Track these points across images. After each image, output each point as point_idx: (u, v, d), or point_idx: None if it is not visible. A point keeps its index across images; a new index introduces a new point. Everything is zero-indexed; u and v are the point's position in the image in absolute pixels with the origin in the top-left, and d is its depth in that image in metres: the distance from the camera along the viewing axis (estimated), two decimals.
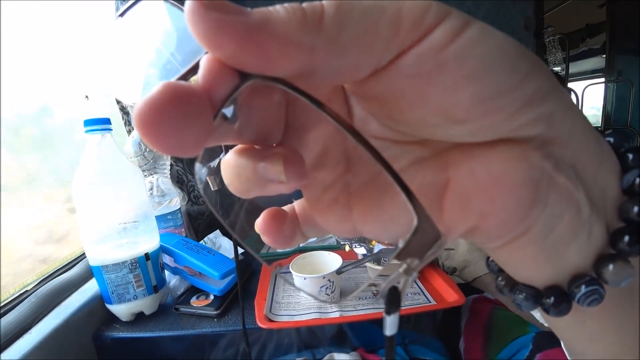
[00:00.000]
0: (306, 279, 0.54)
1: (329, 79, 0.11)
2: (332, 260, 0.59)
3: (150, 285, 0.59)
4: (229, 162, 0.13)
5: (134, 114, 0.09)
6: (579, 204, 0.13)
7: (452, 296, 0.58)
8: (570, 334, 0.17)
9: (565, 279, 0.14)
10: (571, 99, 0.13)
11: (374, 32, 0.10)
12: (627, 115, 2.16)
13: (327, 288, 0.55)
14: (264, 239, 0.15)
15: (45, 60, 0.72)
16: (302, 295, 0.61)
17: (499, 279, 0.16)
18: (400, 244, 0.10)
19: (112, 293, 0.56)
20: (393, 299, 0.10)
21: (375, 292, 0.62)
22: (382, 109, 0.12)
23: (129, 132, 0.80)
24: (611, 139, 0.14)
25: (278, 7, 0.10)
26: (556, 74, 2.17)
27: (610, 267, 0.13)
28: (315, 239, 0.87)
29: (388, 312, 0.10)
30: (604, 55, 2.24)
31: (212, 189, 0.15)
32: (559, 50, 2.23)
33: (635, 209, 0.13)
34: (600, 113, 2.31)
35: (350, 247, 0.68)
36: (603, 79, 2.27)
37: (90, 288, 0.63)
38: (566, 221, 0.13)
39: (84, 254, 0.70)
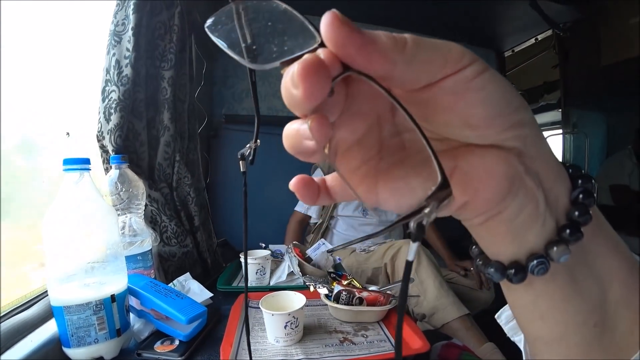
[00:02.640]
0: (273, 315, 0.60)
1: (398, 83, 0.16)
2: (297, 300, 0.65)
3: (113, 329, 0.57)
4: (287, 127, 0.18)
5: (295, 69, 0.14)
6: (538, 200, 0.18)
7: (417, 343, 0.60)
8: (525, 314, 0.22)
9: (524, 256, 0.20)
10: (541, 132, 0.19)
11: (433, 61, 0.15)
12: (584, 164, 2.34)
13: (291, 324, 0.60)
14: (298, 192, 0.20)
15: (28, 97, 0.73)
16: (268, 342, 0.62)
17: (478, 259, 0.22)
18: (430, 192, 0.14)
19: (72, 336, 0.54)
20: (419, 230, 0.14)
21: (341, 339, 0.63)
22: (422, 111, 0.18)
23: (107, 170, 0.81)
24: (570, 170, 0.20)
25: (380, 32, 0.15)
26: None
27: (555, 248, 0.19)
28: (284, 278, 0.89)
29: (414, 240, 0.14)
30: (560, 110, 2.46)
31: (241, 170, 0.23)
32: None
33: (576, 213, 0.19)
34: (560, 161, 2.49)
35: (315, 287, 0.76)
36: (561, 131, 2.48)
37: (49, 329, 0.60)
38: (528, 211, 0.18)
39: (45, 292, 0.67)
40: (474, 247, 0.23)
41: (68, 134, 0.82)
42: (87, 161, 0.58)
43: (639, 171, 2.13)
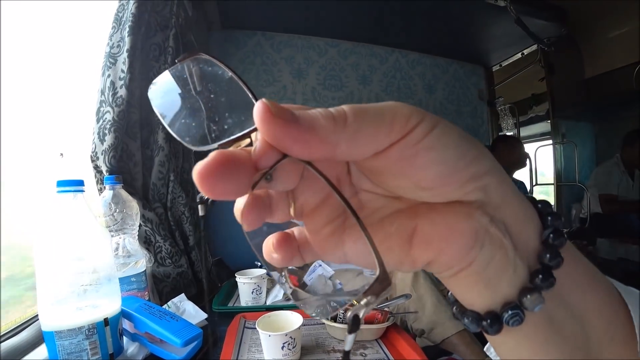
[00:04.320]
0: (270, 336, 0.59)
1: (342, 159, 0.16)
2: (294, 319, 0.65)
3: (106, 353, 0.56)
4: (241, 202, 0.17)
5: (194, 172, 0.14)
6: (506, 248, 0.18)
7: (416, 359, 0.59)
8: (509, 357, 0.21)
9: (499, 305, 0.19)
10: (506, 176, 0.18)
11: (377, 132, 0.15)
12: (575, 173, 2.38)
13: (289, 344, 0.60)
14: (274, 255, 0.19)
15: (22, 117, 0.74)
16: None
17: (455, 307, 0.21)
18: (366, 286, 0.14)
19: None
20: (354, 323, 0.14)
21: (340, 358, 0.62)
22: (374, 176, 0.18)
23: (100, 190, 0.80)
24: (539, 205, 0.20)
25: (317, 113, 0.15)
26: (513, 137, 2.40)
27: (528, 296, 0.18)
28: (281, 297, 0.87)
29: (349, 332, 0.14)
30: (549, 121, 2.52)
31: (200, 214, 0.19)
32: (510, 117, 2.50)
33: (547, 256, 0.18)
34: (552, 171, 2.54)
35: None
36: (551, 141, 2.52)
37: (39, 355, 0.59)
38: (497, 259, 0.18)
39: (35, 316, 0.66)
40: (449, 293, 0.22)
41: (62, 154, 0.82)
42: (81, 182, 0.57)
43: (627, 179, 2.17)
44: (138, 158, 0.87)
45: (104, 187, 0.74)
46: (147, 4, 0.87)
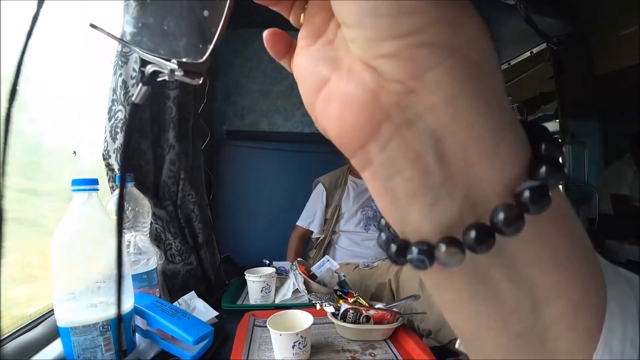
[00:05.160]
0: (281, 335, 0.60)
1: None
2: (305, 319, 0.65)
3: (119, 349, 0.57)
4: None
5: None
6: (426, 168, 0.13)
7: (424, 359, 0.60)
8: (443, 307, 0.18)
9: (411, 235, 0.15)
10: (485, 73, 0.13)
11: None
12: (584, 173, 2.36)
13: (299, 343, 0.60)
14: (269, 44, 0.19)
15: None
16: None
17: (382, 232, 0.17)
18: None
19: (78, 357, 0.54)
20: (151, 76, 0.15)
21: (349, 358, 0.63)
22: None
23: (112, 188, 0.81)
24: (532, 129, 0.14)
25: None
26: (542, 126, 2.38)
27: (443, 247, 0.13)
28: (290, 296, 0.88)
29: (143, 84, 0.16)
30: (558, 120, 2.49)
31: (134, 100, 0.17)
32: (518, 116, 2.47)
33: (503, 216, 0.13)
34: None
35: (321, 305, 0.75)
36: (560, 141, 2.50)
37: (54, 350, 0.59)
38: (406, 177, 0.14)
39: (50, 311, 0.67)
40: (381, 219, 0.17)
41: (75, 152, 0.83)
42: (95, 181, 0.58)
43: (639, 179, 2.15)
44: (149, 156, 0.88)
45: (116, 185, 0.75)
46: None
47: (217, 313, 0.77)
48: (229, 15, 0.15)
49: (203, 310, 0.76)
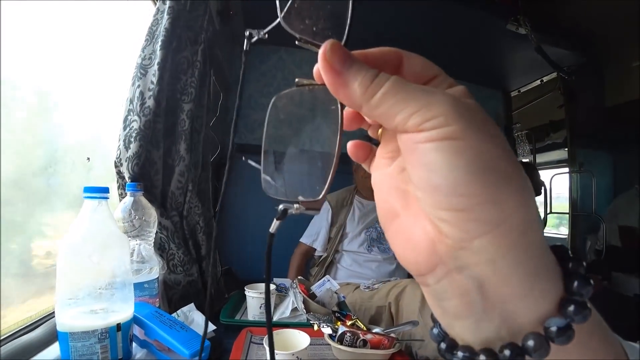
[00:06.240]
0: (277, 355, 0.59)
1: (366, 116, 0.20)
2: (302, 339, 0.66)
3: (115, 358, 0.57)
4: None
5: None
6: (470, 300, 0.16)
7: None
8: None
9: (457, 338, 0.18)
10: (512, 240, 0.15)
11: (394, 114, 0.16)
12: (592, 203, 2.33)
13: None
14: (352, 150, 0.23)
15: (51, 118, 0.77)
16: None
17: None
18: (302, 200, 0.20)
19: None
20: (283, 214, 0.19)
21: None
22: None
23: (121, 195, 0.83)
24: (569, 263, 0.17)
25: (361, 73, 0.17)
26: (529, 163, 2.37)
27: (483, 358, 0.16)
28: (288, 314, 0.88)
29: (277, 219, 0.19)
30: (567, 149, 2.48)
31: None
32: (527, 143, 2.47)
33: (531, 342, 0.15)
34: (567, 200, 2.48)
35: (319, 326, 0.75)
36: (567, 170, 2.48)
37: (51, 353, 0.60)
38: (454, 303, 0.17)
39: (51, 314, 0.68)
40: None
41: (88, 159, 0.85)
42: (106, 190, 0.60)
43: None
44: (159, 166, 0.90)
45: (126, 193, 0.77)
46: (181, 20, 0.91)
47: (214, 327, 0.77)
48: (337, 165, 0.19)
49: (201, 323, 0.76)
